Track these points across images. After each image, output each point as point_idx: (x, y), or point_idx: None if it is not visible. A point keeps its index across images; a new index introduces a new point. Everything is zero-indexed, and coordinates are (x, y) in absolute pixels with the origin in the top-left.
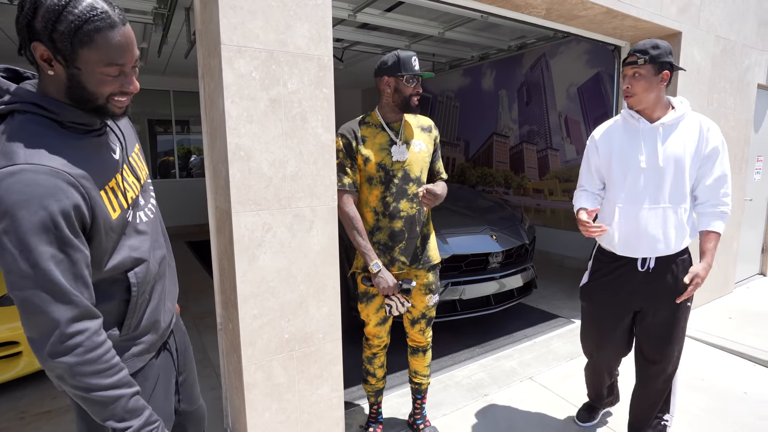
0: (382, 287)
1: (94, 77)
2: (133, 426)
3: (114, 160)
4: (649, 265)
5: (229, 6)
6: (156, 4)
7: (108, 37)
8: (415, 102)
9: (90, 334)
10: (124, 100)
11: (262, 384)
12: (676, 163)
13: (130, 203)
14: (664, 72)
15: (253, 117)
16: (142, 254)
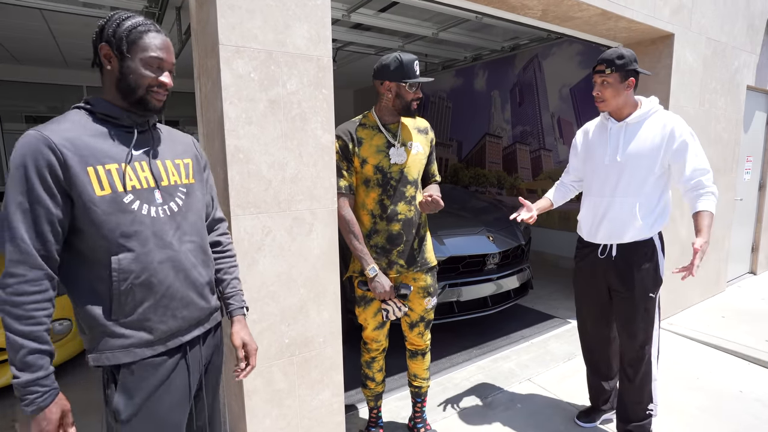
0: (379, 292)
1: (138, 67)
2: (20, 379)
3: (125, 152)
4: (610, 252)
5: (227, 5)
6: (147, 3)
7: (150, 37)
8: (415, 107)
9: (22, 281)
10: (161, 92)
11: (263, 390)
12: (635, 159)
13: (128, 189)
14: (629, 79)
15: (252, 118)
16: (132, 245)
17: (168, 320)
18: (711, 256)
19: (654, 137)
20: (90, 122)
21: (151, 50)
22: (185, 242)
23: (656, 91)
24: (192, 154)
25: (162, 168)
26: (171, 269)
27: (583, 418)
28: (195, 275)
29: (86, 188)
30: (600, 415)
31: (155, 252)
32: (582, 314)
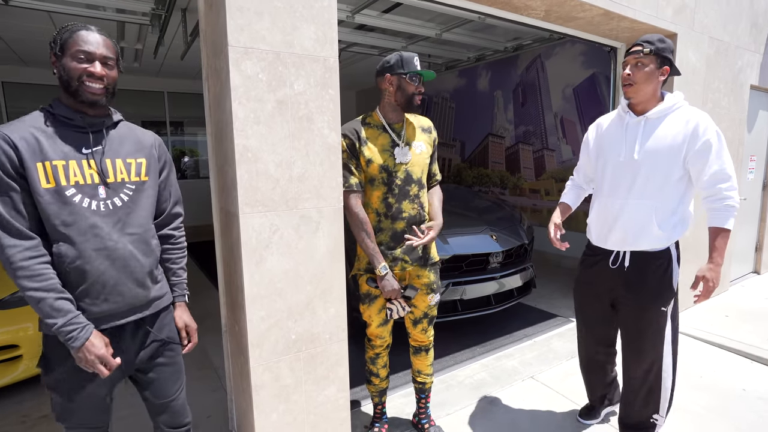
0: (387, 290)
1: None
2: (58, 322)
3: (79, 151)
4: (623, 261)
5: (236, 7)
6: (153, 5)
7: (77, 35)
8: (418, 101)
9: (21, 249)
10: (94, 86)
11: (270, 385)
12: (654, 158)
13: (70, 184)
14: (665, 67)
15: (260, 118)
16: (70, 233)
17: (101, 304)
18: None
19: (676, 135)
20: (48, 122)
21: (77, 45)
22: (126, 234)
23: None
24: (147, 153)
25: (110, 166)
26: (106, 258)
27: (585, 415)
28: (133, 265)
29: (35, 180)
30: (601, 410)
31: (91, 241)
32: (579, 322)
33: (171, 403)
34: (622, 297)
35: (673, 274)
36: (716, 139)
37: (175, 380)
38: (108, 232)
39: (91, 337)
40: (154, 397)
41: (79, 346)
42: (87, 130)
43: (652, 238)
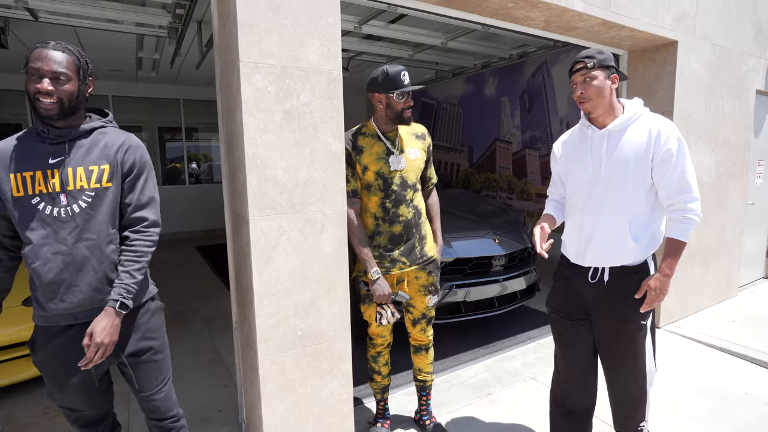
0: (378, 294)
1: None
2: None
3: (46, 162)
4: (602, 276)
5: (246, 25)
6: (171, 19)
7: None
8: (408, 114)
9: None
10: (45, 101)
11: (277, 378)
12: (621, 171)
13: (35, 192)
14: (612, 75)
15: (268, 128)
16: (32, 237)
17: (57, 302)
18: (722, 261)
19: (640, 144)
20: (27, 137)
21: (31, 62)
22: (83, 239)
23: (662, 97)
24: (111, 159)
25: (71, 175)
26: (61, 261)
27: None
28: (87, 270)
29: (6, 190)
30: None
31: (51, 245)
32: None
33: (152, 397)
34: (600, 312)
35: None
36: (677, 147)
37: (154, 377)
38: (64, 237)
39: None
40: (137, 391)
41: None
42: (55, 141)
43: (629, 252)
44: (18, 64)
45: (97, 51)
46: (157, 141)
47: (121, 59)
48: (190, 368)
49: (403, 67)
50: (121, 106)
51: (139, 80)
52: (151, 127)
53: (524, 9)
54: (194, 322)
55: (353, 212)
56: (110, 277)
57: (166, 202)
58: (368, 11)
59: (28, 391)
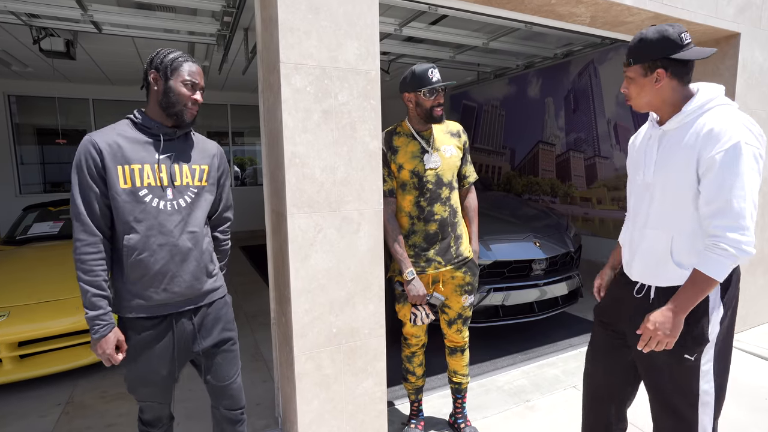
0: (413, 295)
1: (178, 86)
2: (89, 314)
3: (153, 157)
4: (649, 293)
5: (287, 28)
6: (219, 27)
7: (187, 65)
8: (438, 113)
9: (84, 244)
10: (194, 110)
11: (312, 374)
12: (665, 180)
13: (143, 185)
14: (657, 71)
15: (307, 127)
16: (140, 228)
17: (161, 293)
18: None
19: (690, 149)
20: (130, 130)
21: (187, 75)
22: (186, 232)
23: None
24: (209, 161)
25: (178, 171)
26: (168, 252)
27: None
28: (190, 260)
29: (114, 181)
30: None
31: (157, 237)
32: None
33: (230, 386)
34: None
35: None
36: (725, 156)
37: (232, 365)
38: (171, 229)
39: (109, 335)
40: (215, 380)
41: (96, 339)
42: (161, 138)
43: (671, 276)
44: (83, 74)
45: None
46: None
47: None
48: None
49: (433, 64)
50: None
51: None
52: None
53: (569, 5)
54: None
55: (389, 212)
56: (208, 268)
57: None
58: (409, 13)
59: (87, 375)
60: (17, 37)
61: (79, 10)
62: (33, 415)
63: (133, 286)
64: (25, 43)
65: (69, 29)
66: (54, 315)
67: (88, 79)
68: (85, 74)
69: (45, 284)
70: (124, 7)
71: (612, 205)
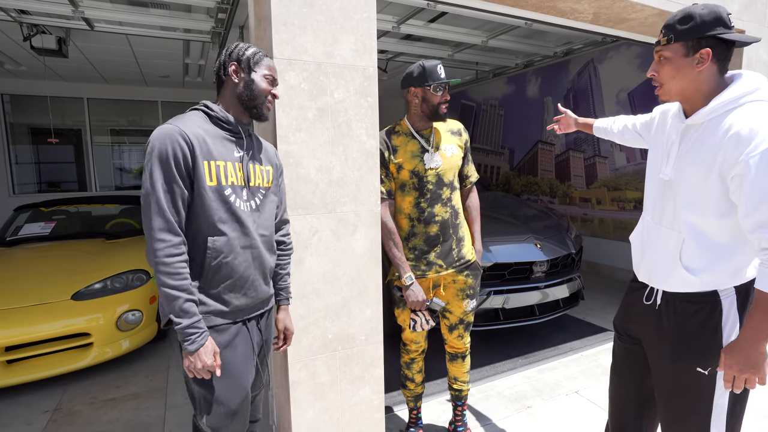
0: (412, 300)
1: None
2: (183, 324)
3: (232, 154)
4: (656, 299)
5: (281, 22)
6: (214, 24)
7: (268, 60)
8: (444, 110)
9: (170, 245)
10: (271, 105)
11: (307, 382)
12: (684, 181)
13: (228, 184)
14: (702, 50)
15: (301, 125)
16: (225, 230)
17: (241, 297)
18: None
19: (714, 148)
20: (207, 124)
21: (268, 69)
22: (260, 234)
23: None
24: (273, 162)
25: (252, 171)
26: (249, 255)
27: None
28: (265, 263)
29: (202, 177)
30: None
31: (240, 239)
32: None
33: (258, 395)
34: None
35: (721, 327)
36: (758, 162)
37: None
38: (251, 231)
39: (207, 343)
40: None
41: (194, 350)
42: (241, 135)
43: (680, 281)
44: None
45: (147, 58)
46: None
47: (170, 65)
48: None
49: (439, 60)
50: (170, 111)
51: (186, 86)
52: None
53: (571, 1)
54: None
55: (387, 214)
56: (273, 271)
57: None
58: (407, 10)
59: (77, 381)
60: (8, 34)
61: (70, 7)
62: (19, 422)
63: (213, 291)
64: (17, 40)
65: (60, 26)
66: (43, 319)
67: (83, 78)
68: (79, 73)
69: (34, 287)
70: (117, 4)
71: (612, 205)
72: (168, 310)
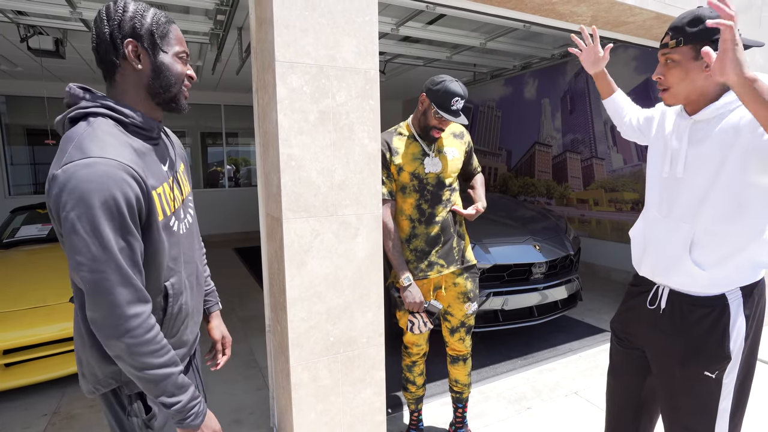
0: (409, 301)
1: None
2: (182, 400)
3: (162, 171)
4: (660, 302)
5: (283, 25)
6: (212, 25)
7: (174, 29)
8: (435, 135)
9: (146, 318)
10: (187, 86)
11: (309, 384)
12: (699, 176)
13: (171, 212)
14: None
15: (303, 128)
16: (177, 265)
17: (194, 329)
18: None
19: (728, 140)
20: (126, 136)
21: (178, 43)
22: (197, 250)
23: None
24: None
25: (180, 180)
26: (195, 281)
27: None
28: (201, 281)
29: (156, 215)
30: None
31: (185, 268)
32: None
33: None
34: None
35: (728, 331)
36: None
37: None
38: (192, 255)
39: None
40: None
41: (200, 424)
42: (158, 140)
43: (687, 276)
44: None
45: None
46: (199, 145)
47: None
48: (225, 369)
49: (463, 94)
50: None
51: None
52: (194, 132)
53: (570, 4)
54: (230, 323)
55: (388, 215)
56: None
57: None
58: (406, 12)
59: (75, 384)
60: (5, 35)
61: (68, 8)
62: (17, 426)
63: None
64: (13, 41)
65: (58, 27)
66: (41, 321)
67: (80, 79)
68: (76, 74)
69: (32, 290)
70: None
71: (609, 206)
72: (156, 393)
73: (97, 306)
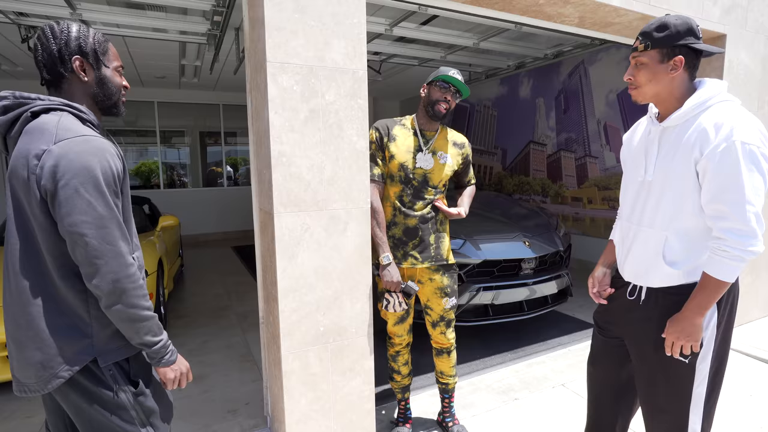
0: (386, 280)
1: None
2: (163, 339)
3: None
4: (639, 294)
5: (274, 27)
6: (209, 26)
7: (111, 47)
8: (440, 108)
9: (137, 266)
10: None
11: (299, 372)
12: (666, 180)
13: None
14: (675, 58)
15: (294, 126)
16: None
17: None
18: None
19: (690, 147)
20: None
21: (116, 59)
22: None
23: None
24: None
25: None
26: None
27: None
28: None
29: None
30: None
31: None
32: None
33: None
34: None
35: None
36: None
37: None
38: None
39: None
40: None
41: (175, 359)
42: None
43: (664, 276)
44: None
45: (144, 59)
46: (199, 145)
47: (166, 66)
48: (222, 362)
49: (457, 70)
50: (166, 112)
51: (182, 87)
52: (193, 132)
53: (556, 5)
54: (228, 319)
55: (376, 195)
56: None
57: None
58: (399, 13)
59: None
60: (6, 35)
61: (68, 9)
62: (19, 416)
63: None
64: (14, 41)
65: None
66: None
67: None
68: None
69: None
70: (114, 6)
71: (603, 204)
72: (143, 332)
73: (102, 255)
